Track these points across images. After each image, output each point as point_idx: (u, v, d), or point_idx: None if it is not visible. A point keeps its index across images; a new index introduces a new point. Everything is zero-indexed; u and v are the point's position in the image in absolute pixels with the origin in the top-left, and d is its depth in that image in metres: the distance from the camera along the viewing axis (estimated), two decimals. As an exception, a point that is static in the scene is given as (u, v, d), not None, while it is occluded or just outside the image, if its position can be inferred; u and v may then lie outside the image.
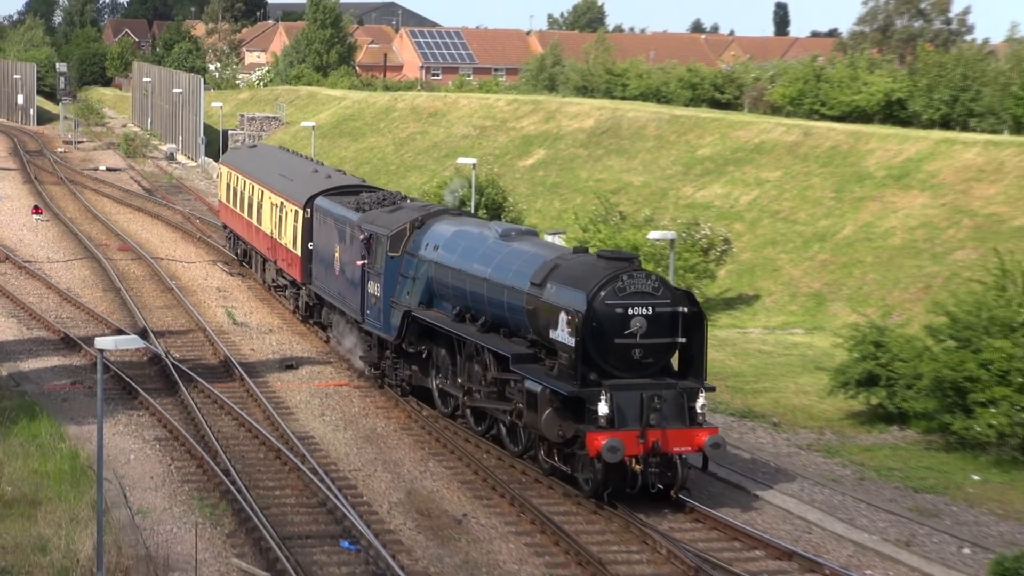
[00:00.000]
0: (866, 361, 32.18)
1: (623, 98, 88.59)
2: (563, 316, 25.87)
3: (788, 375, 37.27)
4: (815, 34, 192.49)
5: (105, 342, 20.24)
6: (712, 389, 27.12)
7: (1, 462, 27.53)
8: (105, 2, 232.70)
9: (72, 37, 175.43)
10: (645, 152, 66.13)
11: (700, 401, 26.14)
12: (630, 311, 25.66)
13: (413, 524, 25.30)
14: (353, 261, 34.88)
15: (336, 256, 36.61)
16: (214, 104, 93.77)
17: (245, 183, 47.91)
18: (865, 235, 49.15)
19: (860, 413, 33.08)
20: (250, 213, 47.00)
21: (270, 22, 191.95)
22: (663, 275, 29.67)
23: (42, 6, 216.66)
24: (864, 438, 31.85)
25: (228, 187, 51.04)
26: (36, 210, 64.21)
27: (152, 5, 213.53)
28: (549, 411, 25.79)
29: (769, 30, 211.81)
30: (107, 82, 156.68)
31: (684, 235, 45.05)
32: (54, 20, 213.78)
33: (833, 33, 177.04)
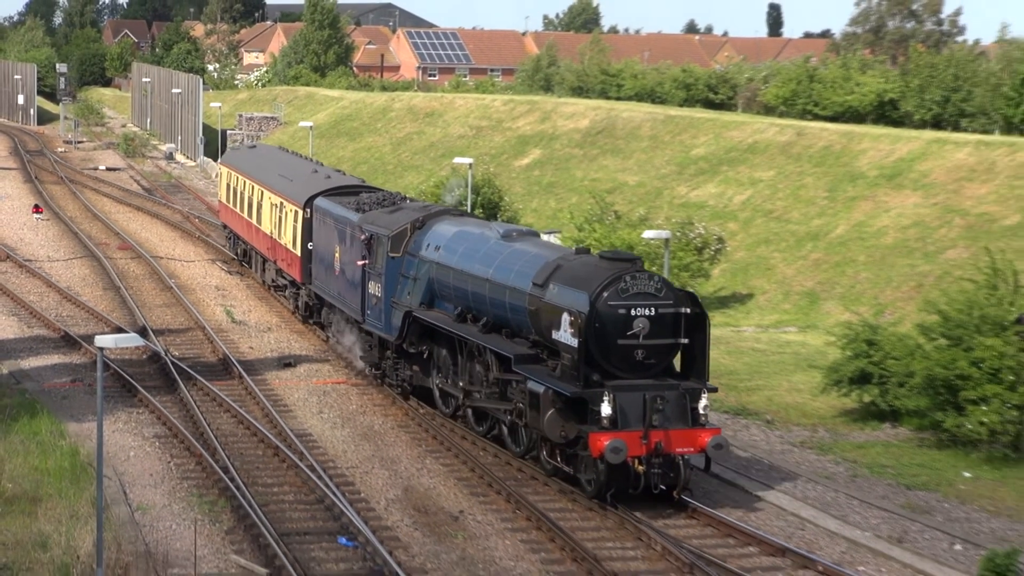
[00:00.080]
0: (859, 359, 32.25)
1: (618, 98, 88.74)
2: (566, 317, 25.78)
3: (781, 373, 37.31)
4: (808, 35, 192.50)
5: (105, 340, 20.30)
6: (714, 390, 26.91)
7: (2, 459, 27.58)
8: (105, 3, 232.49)
9: (72, 38, 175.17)
10: (640, 152, 66.18)
11: (703, 402, 26.01)
12: (633, 312, 25.53)
13: (410, 521, 25.35)
14: (354, 261, 34.77)
15: (336, 256, 36.52)
16: (213, 104, 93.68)
17: (245, 183, 47.82)
18: (858, 234, 49.22)
19: (853, 411, 33.15)
20: (250, 213, 46.92)
21: (268, 23, 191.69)
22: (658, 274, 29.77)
23: (42, 7, 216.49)
24: (857, 435, 31.90)
25: (228, 187, 50.93)
26: (36, 209, 64.39)
27: (151, 6, 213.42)
28: (552, 412, 25.65)
29: (762, 31, 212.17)
30: (107, 82, 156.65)
31: (678, 234, 45.12)
32: (54, 21, 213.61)
33: (826, 34, 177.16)
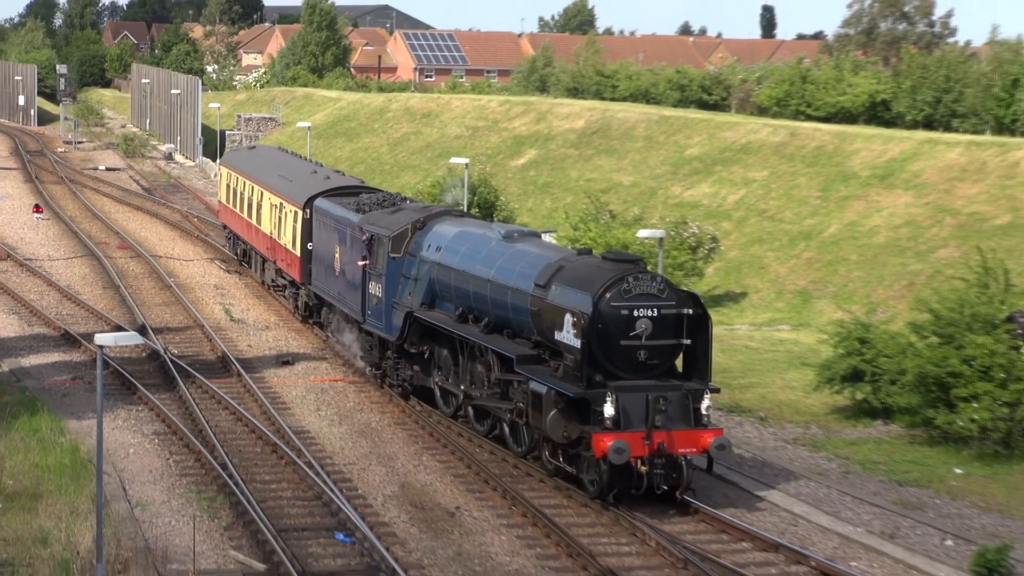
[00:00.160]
0: (851, 357, 32.39)
1: (613, 99, 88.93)
2: (568, 318, 25.71)
3: (775, 371, 37.43)
4: (801, 36, 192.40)
5: (105, 338, 20.42)
6: (717, 390, 26.67)
7: (3, 456, 27.70)
8: (104, 5, 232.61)
9: (72, 39, 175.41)
10: (634, 152, 66.36)
11: (705, 402, 25.91)
12: (635, 313, 25.40)
13: (407, 517, 25.46)
14: (354, 262, 34.72)
15: (336, 257, 36.49)
16: (212, 105, 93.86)
17: (245, 184, 47.84)
18: (850, 233, 49.43)
19: (845, 408, 33.29)
20: (250, 214, 46.94)
21: (266, 25, 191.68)
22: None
23: (43, 9, 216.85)
24: (849, 432, 32.02)
25: (228, 188, 50.94)
26: (37, 209, 64.60)
27: (151, 8, 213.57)
28: (554, 412, 25.54)
29: (756, 33, 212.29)
30: (106, 83, 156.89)
31: (673, 233, 45.32)
32: (54, 23, 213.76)
33: (819, 36, 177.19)
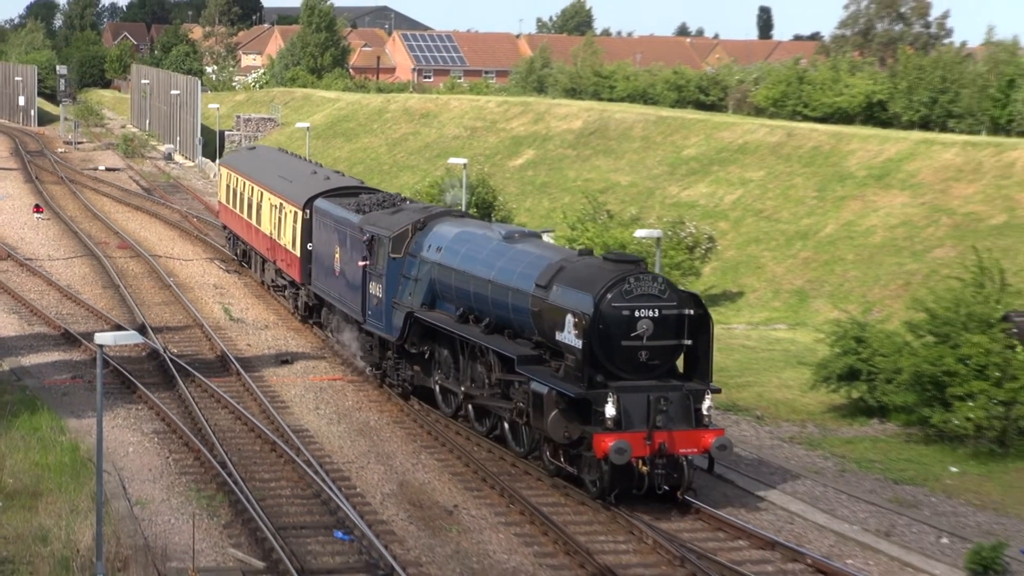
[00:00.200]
0: (847, 356, 32.48)
1: (610, 100, 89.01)
2: (570, 318, 25.72)
3: (771, 370, 37.53)
4: (798, 37, 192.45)
5: (104, 338, 20.52)
6: (718, 391, 26.62)
7: (3, 455, 27.81)
8: (104, 6, 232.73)
9: (72, 40, 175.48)
10: (632, 152, 66.45)
11: (706, 403, 25.91)
12: (636, 313, 25.40)
13: (405, 515, 25.55)
14: (354, 262, 34.71)
15: (336, 257, 36.51)
16: (211, 106, 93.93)
17: (245, 184, 47.88)
18: (846, 233, 49.51)
19: (841, 407, 33.39)
20: (249, 214, 46.99)
21: (266, 26, 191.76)
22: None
23: (43, 10, 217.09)
24: (845, 431, 32.13)
25: (228, 188, 50.98)
26: (37, 209, 64.74)
27: (150, 9, 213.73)
28: (555, 413, 25.52)
29: (753, 34, 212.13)
30: (106, 84, 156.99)
31: (670, 233, 45.43)
32: (55, 24, 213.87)
33: (815, 37, 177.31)
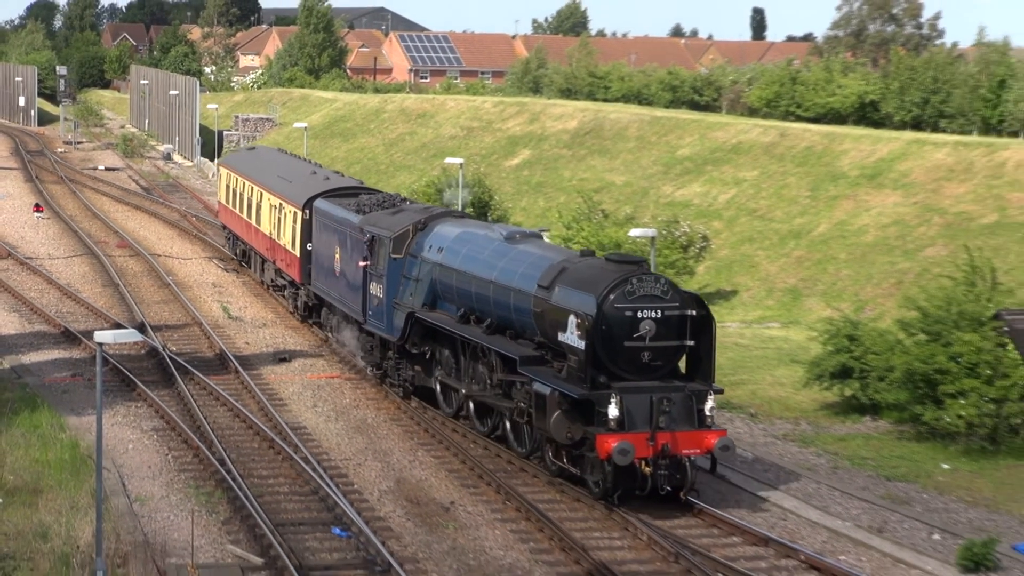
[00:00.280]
0: (840, 354, 32.66)
1: (605, 100, 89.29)
2: (572, 319, 25.72)
3: (765, 367, 37.67)
4: (791, 38, 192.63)
5: (104, 336, 20.61)
6: (720, 391, 26.59)
7: (3, 452, 27.93)
8: (104, 7, 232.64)
9: (72, 41, 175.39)
10: (627, 152, 66.60)
11: (709, 403, 25.90)
12: (639, 314, 25.42)
13: (402, 511, 25.67)
14: (354, 262, 34.71)
15: (336, 257, 36.53)
16: (209, 106, 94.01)
17: (244, 185, 47.92)
18: (839, 232, 49.67)
19: (834, 404, 33.56)
20: (249, 214, 47.04)
21: (264, 26, 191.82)
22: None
23: (43, 11, 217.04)
24: (838, 428, 32.30)
25: (227, 188, 51.02)
26: (37, 208, 64.87)
27: (149, 10, 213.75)
28: (558, 413, 25.50)
29: (746, 35, 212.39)
30: (106, 84, 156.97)
31: (664, 232, 45.54)
32: (54, 24, 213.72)
33: (808, 38, 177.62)
